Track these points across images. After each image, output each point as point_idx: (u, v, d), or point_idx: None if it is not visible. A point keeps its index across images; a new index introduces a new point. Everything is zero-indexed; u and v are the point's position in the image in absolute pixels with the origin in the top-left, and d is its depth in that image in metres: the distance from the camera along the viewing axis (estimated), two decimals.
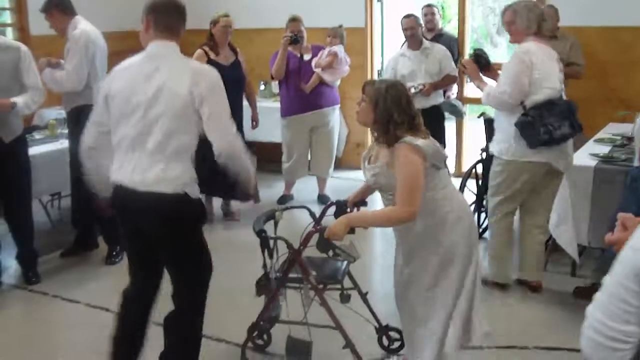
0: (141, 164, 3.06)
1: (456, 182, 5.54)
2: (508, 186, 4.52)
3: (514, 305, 4.55)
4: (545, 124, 4.27)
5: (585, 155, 4.66)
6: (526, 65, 4.29)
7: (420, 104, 5.79)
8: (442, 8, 13.89)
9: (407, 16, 6.25)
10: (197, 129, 3.11)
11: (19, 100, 4.69)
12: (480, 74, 4.61)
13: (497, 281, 4.70)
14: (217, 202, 6.54)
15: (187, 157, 3.14)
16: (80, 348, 4.05)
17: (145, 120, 3.04)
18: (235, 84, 5.88)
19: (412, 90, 5.92)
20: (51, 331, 4.42)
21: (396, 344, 3.83)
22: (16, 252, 5.10)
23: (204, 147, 3.21)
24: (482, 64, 4.62)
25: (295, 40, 6.26)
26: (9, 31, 7.36)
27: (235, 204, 6.43)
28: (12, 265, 5.21)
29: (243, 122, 6.17)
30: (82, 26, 5.07)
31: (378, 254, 5.62)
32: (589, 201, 4.41)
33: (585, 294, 4.45)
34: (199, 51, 5.96)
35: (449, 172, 3.41)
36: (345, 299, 3.56)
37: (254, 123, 6.44)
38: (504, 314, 4.38)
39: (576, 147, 5.08)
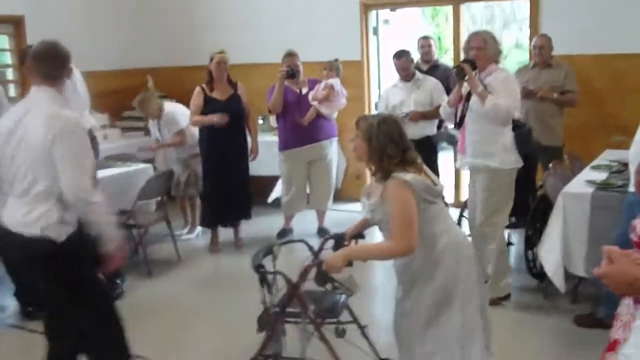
0: (12, 206, 3.22)
1: (454, 213, 5.59)
2: (510, 196, 4.74)
3: (512, 331, 4.53)
4: None
5: (582, 183, 4.67)
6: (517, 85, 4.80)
7: (411, 134, 5.83)
8: (439, 39, 14.02)
9: (399, 57, 6.26)
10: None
11: None
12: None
13: (499, 296, 4.87)
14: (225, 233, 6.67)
15: (51, 199, 3.16)
16: None
17: (12, 167, 3.19)
18: (233, 117, 6.17)
19: (400, 117, 5.98)
20: None
21: None
22: (14, 290, 5.09)
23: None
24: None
25: (292, 74, 6.33)
26: (10, 71, 7.45)
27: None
28: (9, 306, 5.21)
29: (247, 155, 6.42)
30: None
31: (380, 286, 5.60)
32: (586, 229, 4.40)
33: (585, 322, 4.45)
34: (197, 88, 6.23)
35: (446, 204, 3.43)
36: (340, 333, 3.54)
37: (253, 155, 6.50)
38: (504, 344, 4.35)
39: (573, 174, 5.12)
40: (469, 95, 4.71)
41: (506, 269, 4.94)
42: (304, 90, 6.55)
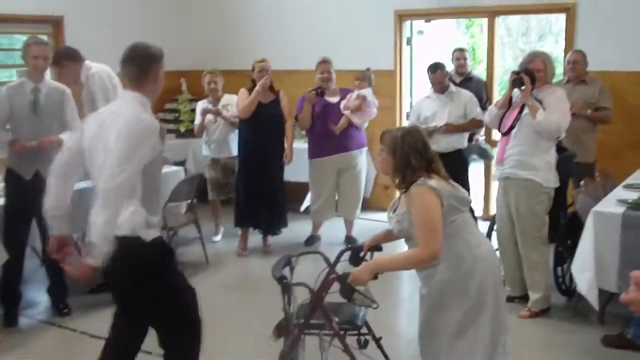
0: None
1: (484, 226, 5.57)
2: (547, 212, 4.86)
3: (540, 351, 4.50)
4: None
5: (613, 202, 4.62)
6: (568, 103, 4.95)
7: (441, 147, 5.89)
8: (473, 50, 13.97)
9: (433, 71, 6.21)
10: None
11: (65, 136, 4.90)
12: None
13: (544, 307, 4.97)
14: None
15: (135, 201, 3.08)
16: None
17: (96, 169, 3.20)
18: (272, 120, 6.43)
19: (434, 128, 6.00)
20: None
21: None
22: (47, 286, 5.22)
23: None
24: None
25: (321, 93, 6.42)
26: (48, 70, 7.56)
27: None
28: (42, 301, 5.31)
29: (283, 160, 6.57)
30: (95, 65, 5.35)
31: (404, 298, 5.60)
32: (618, 248, 4.35)
33: (613, 342, 4.40)
34: (242, 89, 6.51)
35: (474, 216, 3.43)
36: (363, 344, 3.53)
37: (286, 159, 6.60)
38: (531, 358, 4.33)
39: (605, 192, 5.07)
40: (523, 106, 4.78)
41: (548, 282, 5.00)
42: (336, 100, 6.58)
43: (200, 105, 7.00)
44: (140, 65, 3.20)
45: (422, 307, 3.33)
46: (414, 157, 3.12)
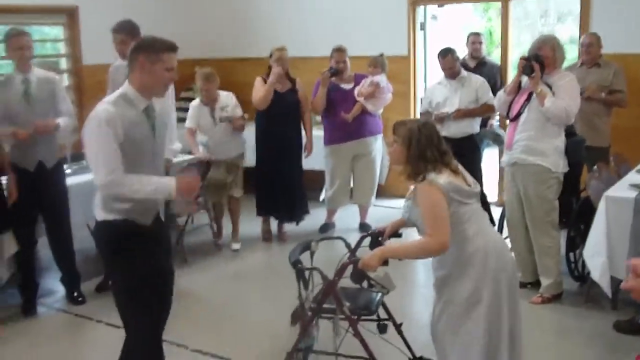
0: None
1: (497, 211, 5.57)
2: (556, 197, 4.86)
3: (552, 336, 4.52)
4: None
5: (625, 187, 4.60)
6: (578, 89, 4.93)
7: (452, 132, 5.90)
8: (490, 33, 13.86)
9: (444, 56, 6.17)
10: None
11: (60, 121, 5.00)
12: None
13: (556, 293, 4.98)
14: None
15: None
16: None
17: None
18: (289, 109, 6.43)
19: (444, 116, 6.00)
20: (92, 355, 4.56)
21: None
22: (60, 275, 5.32)
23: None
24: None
25: (335, 72, 6.41)
26: (63, 61, 7.64)
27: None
28: (59, 290, 5.40)
29: (302, 149, 6.61)
30: None
31: (420, 284, 5.61)
32: (629, 233, 4.34)
33: (625, 327, 4.40)
34: (258, 78, 6.46)
35: (487, 204, 3.42)
36: (382, 329, 3.60)
37: (307, 152, 6.66)
38: (542, 347, 4.34)
39: (619, 177, 5.05)
40: (531, 94, 4.77)
41: (559, 267, 5.00)
42: (349, 86, 6.58)
43: (195, 106, 6.33)
44: (129, 55, 3.29)
45: (435, 293, 3.38)
46: (429, 150, 3.15)
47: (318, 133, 6.90)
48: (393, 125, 3.29)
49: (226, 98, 6.33)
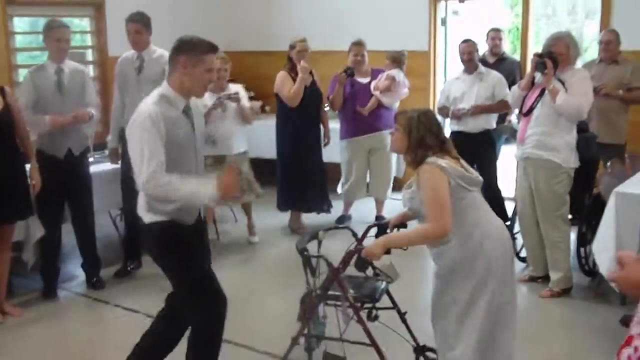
0: None
1: (512, 206, 5.61)
2: (567, 192, 4.89)
3: (560, 330, 4.56)
4: None
5: (636, 183, 4.62)
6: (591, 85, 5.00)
7: (469, 127, 5.98)
8: (517, 29, 13.77)
9: (465, 41, 6.30)
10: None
11: (94, 111, 5.16)
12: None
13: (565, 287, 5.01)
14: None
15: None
16: None
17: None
18: (316, 102, 6.50)
19: (462, 111, 6.04)
20: (110, 337, 4.69)
21: None
22: (81, 262, 5.47)
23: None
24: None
25: (351, 74, 6.49)
26: (90, 53, 7.81)
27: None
28: (80, 275, 5.56)
29: (322, 141, 6.68)
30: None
31: (428, 273, 5.65)
32: (638, 230, 4.36)
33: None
34: (282, 72, 6.47)
35: (499, 197, 3.42)
36: (372, 317, 3.66)
37: (326, 139, 6.75)
38: (551, 341, 4.39)
39: (633, 174, 5.06)
40: (543, 90, 4.82)
41: (569, 262, 5.05)
42: (366, 80, 6.65)
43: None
44: (169, 56, 3.34)
45: (434, 285, 3.45)
46: (428, 136, 3.24)
47: (335, 126, 6.98)
48: (394, 115, 3.39)
49: (235, 89, 6.16)
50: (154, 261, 3.53)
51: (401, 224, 3.68)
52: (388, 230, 3.68)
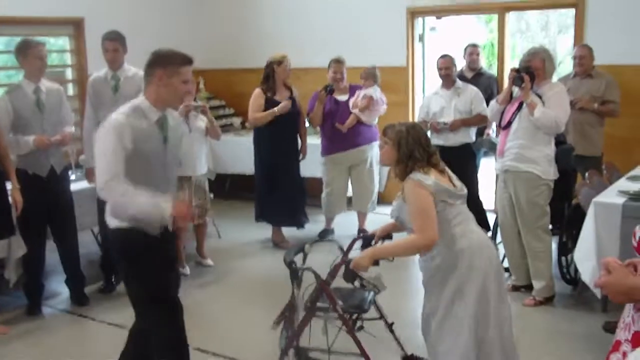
0: None
1: (494, 217, 5.68)
2: (547, 203, 4.99)
3: (545, 338, 4.62)
4: None
5: (614, 193, 4.72)
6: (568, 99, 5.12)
7: (449, 141, 6.08)
8: (492, 45, 13.97)
9: (443, 56, 6.40)
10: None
11: (71, 130, 5.26)
12: None
13: (548, 296, 5.09)
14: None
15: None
16: None
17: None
18: (291, 118, 6.52)
19: (441, 126, 6.13)
20: (94, 353, 4.66)
21: None
22: (65, 278, 5.46)
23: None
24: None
25: (331, 91, 6.57)
26: (69, 71, 7.80)
27: None
28: (64, 292, 5.53)
29: (299, 156, 6.74)
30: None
31: (415, 284, 5.70)
32: (618, 238, 4.46)
33: (614, 328, 4.48)
34: (257, 90, 6.55)
35: (483, 211, 3.49)
36: (357, 328, 3.70)
37: (302, 155, 6.79)
38: (536, 348, 4.45)
39: (610, 184, 5.17)
40: (521, 103, 4.92)
41: (551, 271, 5.13)
42: (345, 97, 6.73)
43: None
44: (145, 69, 3.39)
45: (424, 291, 3.51)
46: (417, 150, 3.31)
47: (315, 142, 7.04)
48: (383, 129, 3.46)
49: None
50: (118, 266, 3.61)
51: (386, 235, 3.74)
52: (373, 242, 3.74)
